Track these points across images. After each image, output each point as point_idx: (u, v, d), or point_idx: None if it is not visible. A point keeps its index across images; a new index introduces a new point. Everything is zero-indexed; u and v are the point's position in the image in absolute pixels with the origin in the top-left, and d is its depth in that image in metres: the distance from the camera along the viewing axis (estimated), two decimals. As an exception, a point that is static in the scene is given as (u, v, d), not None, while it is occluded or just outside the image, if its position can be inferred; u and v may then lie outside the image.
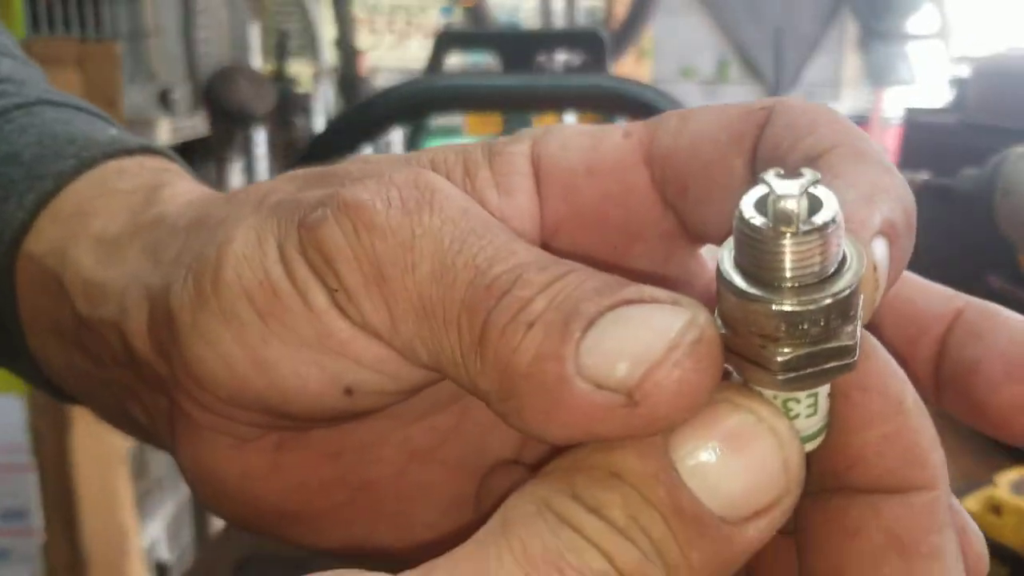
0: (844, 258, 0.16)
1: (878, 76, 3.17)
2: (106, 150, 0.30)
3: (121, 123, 0.35)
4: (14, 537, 1.30)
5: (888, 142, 3.11)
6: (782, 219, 0.15)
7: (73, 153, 0.30)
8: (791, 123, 0.19)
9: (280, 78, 2.50)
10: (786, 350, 0.15)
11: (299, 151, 2.19)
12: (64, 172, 0.30)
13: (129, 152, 0.31)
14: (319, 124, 2.48)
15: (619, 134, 0.21)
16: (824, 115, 0.20)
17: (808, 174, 0.15)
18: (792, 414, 0.17)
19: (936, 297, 0.24)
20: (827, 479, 0.18)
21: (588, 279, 0.17)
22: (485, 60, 1.65)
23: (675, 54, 3.16)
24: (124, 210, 0.28)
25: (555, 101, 0.64)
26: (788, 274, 0.15)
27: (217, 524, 1.71)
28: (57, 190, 0.29)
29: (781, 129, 0.19)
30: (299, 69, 2.75)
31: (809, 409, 0.17)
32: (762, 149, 0.20)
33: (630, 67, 2.97)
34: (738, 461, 0.16)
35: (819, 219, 0.15)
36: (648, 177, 0.21)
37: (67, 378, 0.29)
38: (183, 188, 0.28)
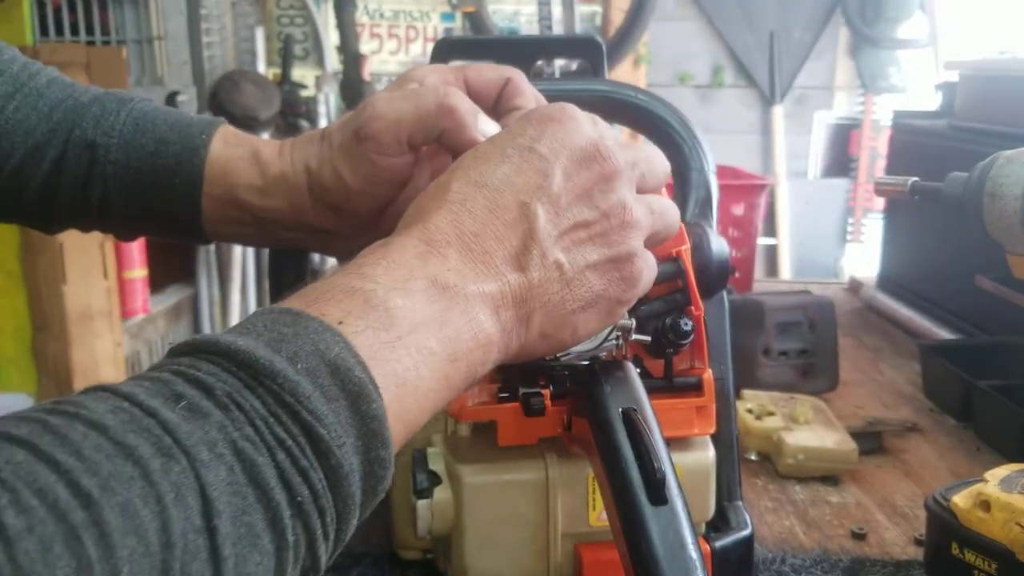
0: None
1: (869, 81, 3.20)
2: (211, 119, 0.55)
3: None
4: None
5: (879, 146, 3.14)
6: None
7: (200, 118, 0.54)
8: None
9: (285, 82, 2.52)
10: None
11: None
12: (214, 122, 0.54)
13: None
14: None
15: None
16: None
17: None
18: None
19: (491, 72, 0.51)
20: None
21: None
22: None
23: (671, 60, 3.18)
24: (258, 139, 0.53)
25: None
26: None
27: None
28: (214, 128, 0.53)
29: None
30: (303, 74, 2.77)
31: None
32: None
33: (627, 73, 3.00)
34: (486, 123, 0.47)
35: None
36: None
37: (228, 237, 0.55)
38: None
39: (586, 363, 0.45)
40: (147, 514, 0.24)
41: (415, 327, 0.33)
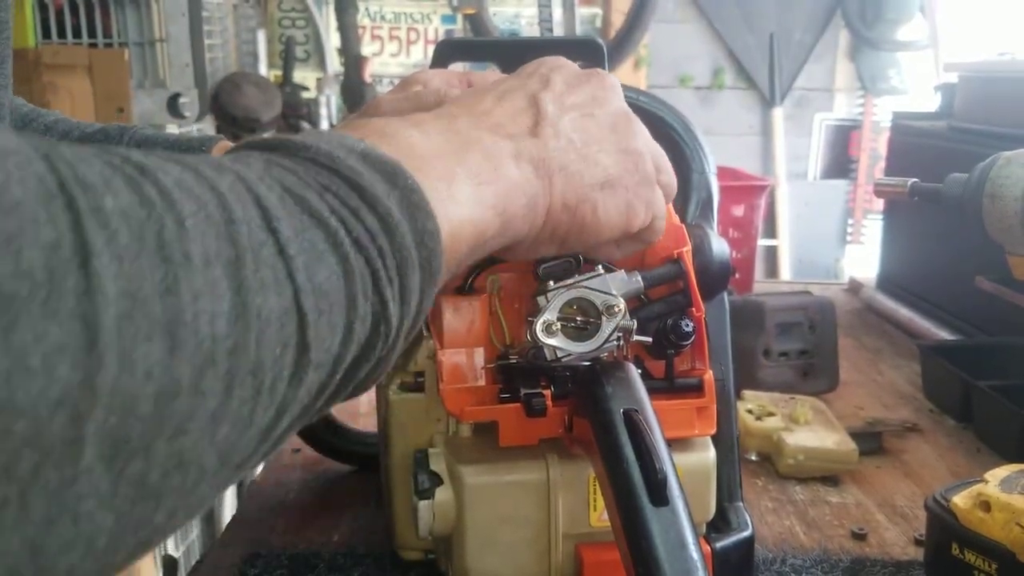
0: None
1: (869, 83, 3.20)
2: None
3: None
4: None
5: (879, 147, 3.14)
6: None
7: (200, 135, 0.60)
8: None
9: (286, 84, 2.52)
10: None
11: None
12: (215, 137, 0.59)
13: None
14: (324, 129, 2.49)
15: None
16: None
17: None
18: None
19: (495, 78, 0.47)
20: None
21: None
22: (486, 68, 1.67)
23: (671, 62, 3.18)
24: None
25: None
26: None
27: (224, 520, 1.72)
28: (215, 142, 0.59)
29: None
30: (305, 76, 2.77)
31: None
32: None
33: (627, 74, 3.00)
34: None
35: None
36: None
37: None
38: None
39: (587, 364, 0.46)
40: (203, 191, 0.24)
41: (435, 156, 0.34)
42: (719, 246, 0.54)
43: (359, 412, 0.87)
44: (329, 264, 0.27)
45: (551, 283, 0.46)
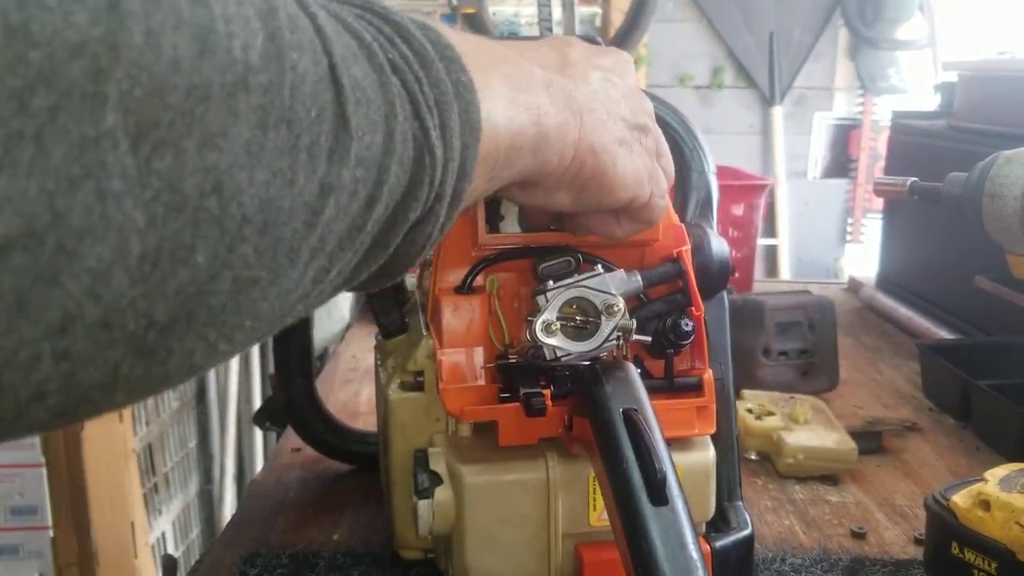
0: None
1: (869, 82, 3.20)
2: None
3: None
4: (24, 533, 1.31)
5: (879, 146, 3.14)
6: None
7: None
8: None
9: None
10: None
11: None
12: None
13: None
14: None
15: None
16: None
17: None
18: None
19: None
20: None
21: None
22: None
23: (671, 61, 3.18)
24: None
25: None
26: None
27: (224, 520, 1.72)
28: None
29: None
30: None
31: None
32: None
33: (626, 73, 2.99)
34: None
35: None
36: None
37: None
38: None
39: (587, 363, 0.46)
40: None
41: (472, 50, 0.33)
42: (719, 245, 0.54)
43: (359, 412, 0.87)
44: (364, 67, 0.26)
45: (550, 282, 0.46)
